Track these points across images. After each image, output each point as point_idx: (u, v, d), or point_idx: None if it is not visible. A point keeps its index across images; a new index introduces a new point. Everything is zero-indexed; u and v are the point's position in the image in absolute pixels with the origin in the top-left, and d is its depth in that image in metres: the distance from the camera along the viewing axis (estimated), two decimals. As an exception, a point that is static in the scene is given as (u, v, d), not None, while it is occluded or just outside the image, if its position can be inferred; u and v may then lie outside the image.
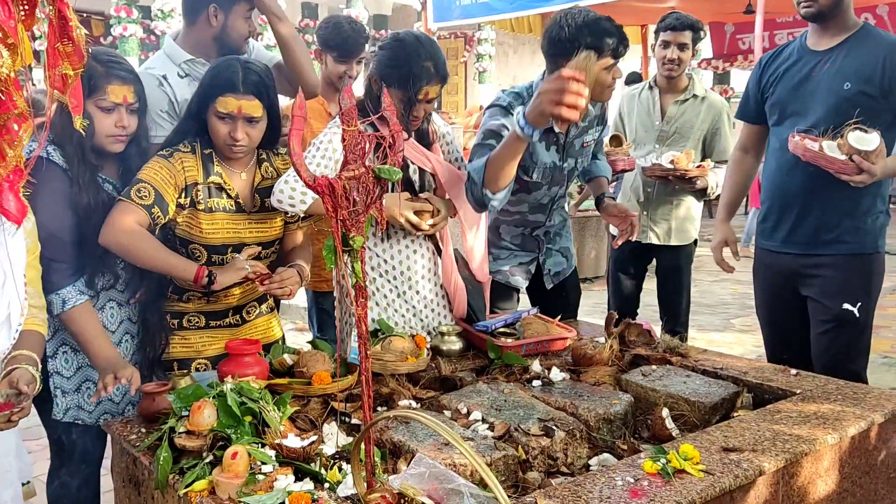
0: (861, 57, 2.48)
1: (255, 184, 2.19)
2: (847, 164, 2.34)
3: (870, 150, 2.31)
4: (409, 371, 2.09)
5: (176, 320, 2.20)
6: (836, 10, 2.52)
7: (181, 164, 2.09)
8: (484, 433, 1.74)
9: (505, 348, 2.26)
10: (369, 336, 1.49)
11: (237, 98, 2.04)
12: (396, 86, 2.23)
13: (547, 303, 2.81)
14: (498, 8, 8.92)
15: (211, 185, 2.12)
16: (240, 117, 2.06)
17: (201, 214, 2.10)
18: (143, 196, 2.01)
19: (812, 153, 2.40)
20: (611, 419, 1.85)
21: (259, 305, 2.34)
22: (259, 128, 2.11)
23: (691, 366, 2.18)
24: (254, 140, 2.12)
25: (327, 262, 1.38)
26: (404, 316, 2.45)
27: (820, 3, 2.50)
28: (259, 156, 2.22)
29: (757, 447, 1.60)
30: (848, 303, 2.53)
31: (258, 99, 2.07)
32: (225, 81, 2.07)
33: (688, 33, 3.46)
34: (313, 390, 1.91)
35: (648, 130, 3.63)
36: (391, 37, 2.33)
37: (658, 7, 9.27)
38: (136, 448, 1.69)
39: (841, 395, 1.91)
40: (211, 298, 2.20)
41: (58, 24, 1.43)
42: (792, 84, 2.60)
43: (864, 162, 2.31)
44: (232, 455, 1.47)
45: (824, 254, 2.56)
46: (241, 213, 2.16)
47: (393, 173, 1.40)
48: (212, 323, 2.23)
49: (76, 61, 1.48)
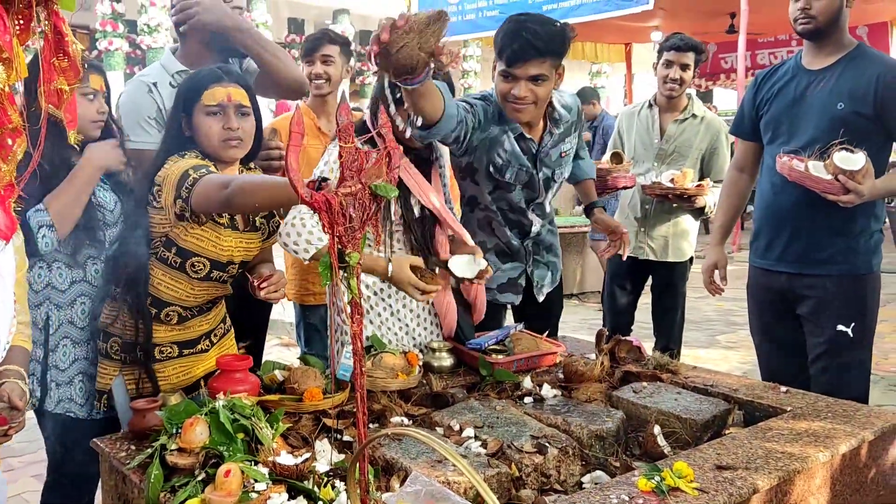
0: (855, 77, 2.49)
1: None
2: (832, 184, 2.34)
3: (855, 169, 2.31)
4: (399, 388, 2.08)
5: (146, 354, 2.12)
6: (832, 29, 2.53)
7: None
8: (477, 450, 1.74)
9: (496, 365, 2.26)
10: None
11: (224, 86, 2.03)
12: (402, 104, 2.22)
13: (529, 317, 2.79)
14: (484, 26, 9.02)
15: None
16: (230, 105, 2.03)
17: (223, 231, 2.05)
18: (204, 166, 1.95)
19: (798, 173, 2.42)
20: (603, 436, 1.86)
21: (223, 325, 2.30)
22: (250, 121, 2.08)
23: (682, 383, 2.19)
24: (248, 134, 2.08)
25: (323, 279, 1.38)
26: (397, 334, 2.44)
27: (817, 21, 2.51)
28: (240, 172, 2.17)
29: (750, 465, 1.60)
30: (842, 324, 2.52)
31: (244, 89, 2.06)
32: (207, 76, 2.05)
33: (691, 54, 3.51)
34: (305, 407, 1.90)
35: (647, 148, 3.65)
36: None
37: (642, 26, 9.40)
38: (126, 466, 1.67)
39: (831, 412, 1.92)
40: (187, 323, 2.14)
41: (53, 39, 1.43)
42: (786, 103, 2.62)
43: (849, 182, 2.31)
44: (225, 473, 1.45)
45: (817, 274, 2.57)
46: (236, 230, 2.11)
47: (389, 190, 1.40)
48: (185, 352, 2.16)
49: (72, 77, 1.47)
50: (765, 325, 2.77)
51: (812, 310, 2.59)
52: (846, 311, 2.54)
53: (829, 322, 2.55)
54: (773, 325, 2.73)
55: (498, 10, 8.75)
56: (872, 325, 2.60)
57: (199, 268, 2.08)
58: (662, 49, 3.57)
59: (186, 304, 2.13)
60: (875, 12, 8.97)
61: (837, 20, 2.52)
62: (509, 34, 2.35)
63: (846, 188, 2.32)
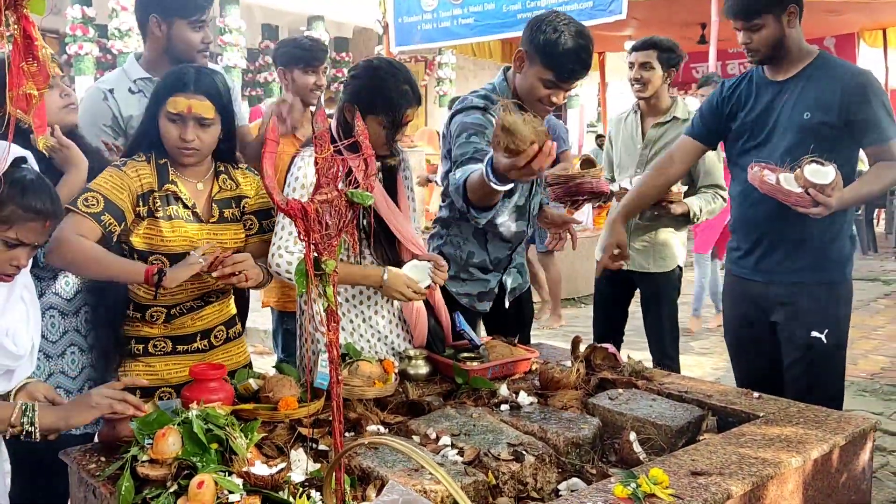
0: (819, 86, 2.52)
1: (212, 194, 2.18)
2: (802, 197, 2.37)
3: (825, 183, 2.34)
4: (376, 396, 2.07)
5: (141, 345, 2.16)
6: (781, 52, 2.57)
7: (136, 172, 2.08)
8: (453, 458, 1.73)
9: (471, 372, 2.26)
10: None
11: (187, 97, 2.03)
12: (378, 111, 2.22)
13: (502, 321, 2.79)
14: (459, 33, 9.03)
15: (168, 194, 2.10)
16: (190, 117, 2.03)
17: (162, 222, 2.08)
18: (90, 204, 1.99)
19: (769, 186, 2.44)
20: (579, 443, 1.86)
21: (227, 330, 2.31)
22: (211, 132, 2.09)
23: (657, 389, 2.20)
24: (206, 144, 2.09)
25: (298, 286, 1.37)
26: (369, 341, 2.43)
27: (762, 52, 2.57)
28: (217, 167, 2.21)
29: (724, 470, 1.61)
30: (816, 331, 2.56)
31: (209, 100, 2.05)
32: (175, 82, 2.06)
33: (652, 52, 3.42)
34: (280, 416, 1.88)
35: (631, 154, 3.56)
36: (364, 64, 2.33)
37: (615, 35, 9.47)
38: (96, 478, 1.64)
39: (803, 417, 1.94)
40: (175, 322, 2.16)
41: (23, 43, 1.41)
42: (754, 114, 2.64)
43: (819, 195, 2.34)
44: (198, 484, 1.43)
45: (791, 282, 2.60)
46: (199, 222, 2.14)
47: (366, 198, 1.40)
48: (178, 348, 2.19)
49: (41, 81, 1.45)
50: (740, 330, 2.79)
51: (786, 317, 2.62)
52: (820, 318, 2.57)
53: (803, 329, 2.58)
54: (748, 331, 2.75)
55: (473, 17, 8.77)
56: (846, 331, 2.63)
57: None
58: (628, 53, 3.54)
59: (166, 302, 2.14)
60: (842, 24, 9.11)
61: (783, 44, 2.55)
62: (571, 54, 2.37)
63: (815, 201, 2.34)
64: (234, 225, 2.21)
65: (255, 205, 2.26)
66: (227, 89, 2.13)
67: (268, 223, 2.28)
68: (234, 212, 2.22)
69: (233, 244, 2.20)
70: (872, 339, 5.86)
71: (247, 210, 2.25)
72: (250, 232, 2.26)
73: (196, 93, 2.04)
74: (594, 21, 7.61)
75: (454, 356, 2.40)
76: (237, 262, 2.02)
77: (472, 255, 2.68)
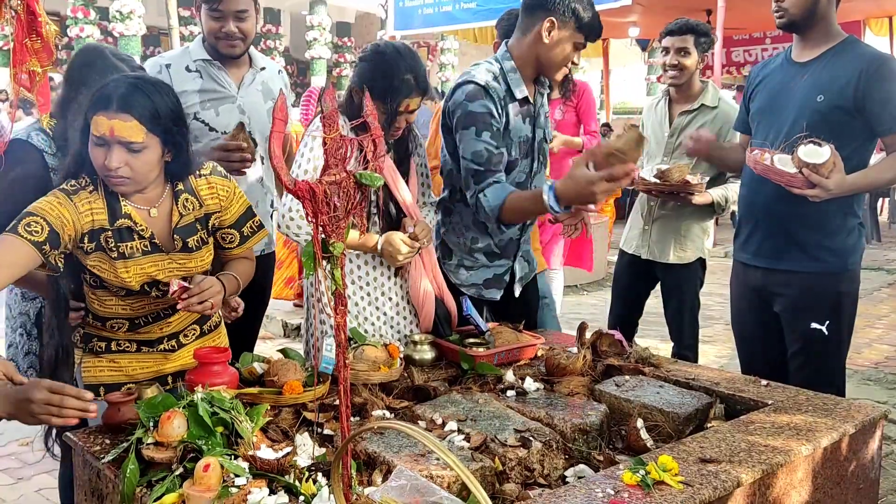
0: (837, 69, 2.45)
1: (172, 224, 1.93)
2: (796, 178, 2.30)
3: (818, 162, 2.26)
4: (381, 381, 2.06)
5: (104, 343, 2.02)
6: (811, 21, 2.48)
7: (88, 206, 1.83)
8: (460, 444, 1.72)
9: (478, 358, 2.24)
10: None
11: (108, 117, 1.74)
12: (377, 97, 2.20)
13: (509, 308, 2.74)
14: (460, 18, 8.98)
15: (121, 228, 1.87)
16: (113, 141, 1.75)
17: (117, 262, 1.87)
18: (33, 231, 1.73)
19: (763, 166, 2.38)
20: (586, 430, 1.84)
21: (200, 326, 2.13)
22: (144, 158, 1.79)
23: (663, 376, 2.18)
24: (138, 171, 1.80)
25: (306, 269, 1.35)
26: (374, 324, 2.42)
27: (790, 13, 2.48)
28: (175, 188, 1.94)
29: (733, 458, 1.60)
30: (816, 322, 2.50)
31: (138, 121, 1.75)
32: (101, 97, 1.77)
33: (689, 37, 3.28)
34: (285, 400, 1.86)
35: (659, 142, 3.44)
36: (372, 48, 2.33)
37: (620, 22, 9.41)
38: (101, 460, 1.63)
39: (812, 406, 1.92)
40: (140, 330, 2.01)
41: (26, 20, 1.39)
42: (770, 95, 2.60)
43: (812, 175, 2.26)
44: (204, 467, 1.42)
45: (791, 270, 2.55)
46: (159, 252, 1.92)
47: (374, 179, 1.38)
48: (144, 349, 2.05)
49: (44, 58, 1.44)
50: (744, 317, 2.77)
51: (786, 307, 2.58)
52: (819, 308, 2.51)
53: (803, 319, 2.53)
54: (752, 318, 2.73)
55: (475, 2, 8.72)
56: (849, 323, 2.56)
57: (117, 290, 1.93)
58: (661, 37, 3.40)
59: (128, 316, 1.99)
60: (848, 11, 9.04)
61: (814, 12, 2.46)
62: (597, 17, 2.47)
63: (811, 182, 2.27)
64: (201, 251, 1.99)
65: (230, 217, 2.03)
66: (169, 105, 1.83)
67: (249, 228, 2.08)
68: (202, 234, 1.99)
69: (198, 269, 1.99)
70: (876, 328, 5.85)
71: (222, 225, 2.03)
72: (232, 245, 2.07)
73: (120, 111, 1.74)
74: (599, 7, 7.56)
75: (460, 342, 2.38)
76: (204, 292, 1.86)
77: (476, 241, 2.61)
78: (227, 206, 2.02)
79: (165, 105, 1.81)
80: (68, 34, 11.98)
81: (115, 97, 1.75)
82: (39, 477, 3.37)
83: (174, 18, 9.76)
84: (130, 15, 11.92)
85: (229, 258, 2.11)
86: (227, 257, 2.10)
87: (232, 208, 2.03)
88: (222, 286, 1.94)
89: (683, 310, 3.47)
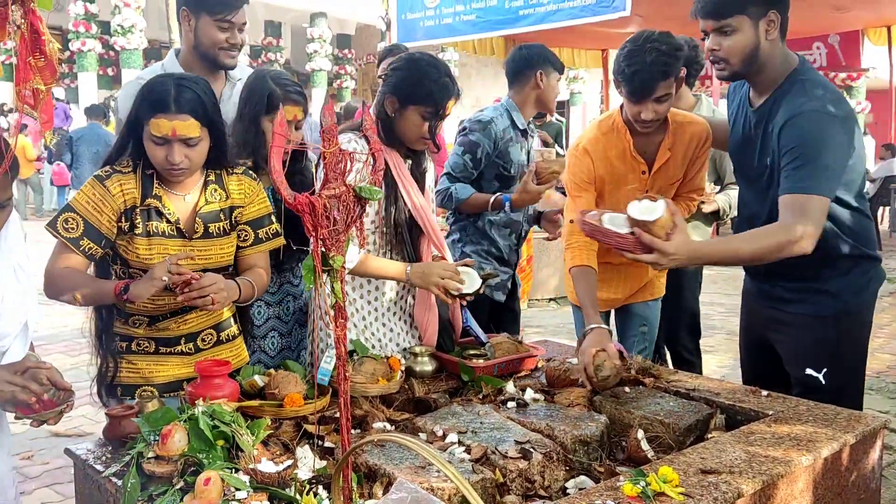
0: (771, 123, 2.17)
1: (197, 208, 2.07)
2: (625, 239, 2.01)
3: (649, 220, 1.97)
4: (379, 393, 2.06)
5: (125, 343, 2.11)
6: (753, 68, 2.19)
7: (119, 188, 1.99)
8: (461, 456, 1.72)
9: (478, 370, 2.25)
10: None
11: (170, 119, 1.92)
12: (421, 102, 2.24)
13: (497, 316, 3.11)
14: (461, 30, 9.02)
15: (150, 208, 2.02)
16: (175, 140, 1.93)
17: (137, 239, 2.01)
18: (70, 227, 1.95)
19: (590, 227, 2.08)
20: (587, 441, 1.85)
21: (218, 333, 2.19)
22: (199, 149, 1.99)
23: (664, 387, 2.18)
24: (195, 162, 2.00)
25: (306, 282, 1.36)
26: (381, 340, 2.43)
27: (731, 65, 2.20)
28: (206, 177, 2.10)
29: (734, 469, 1.60)
30: (811, 368, 2.24)
31: (194, 118, 1.94)
32: (157, 101, 1.94)
33: None
34: (285, 413, 1.87)
35: None
36: (406, 57, 2.37)
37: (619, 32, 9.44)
38: (102, 474, 1.63)
39: (812, 416, 1.93)
40: (160, 325, 2.09)
41: (30, 38, 1.40)
42: (735, 142, 2.37)
43: (645, 235, 1.97)
44: (204, 481, 1.43)
45: (786, 311, 2.30)
46: (182, 237, 2.05)
47: (374, 193, 1.39)
48: (162, 349, 2.12)
49: (48, 76, 1.45)
50: (748, 347, 2.59)
51: (782, 349, 2.36)
52: (815, 355, 2.25)
53: (797, 365, 2.29)
54: (755, 350, 2.54)
55: (475, 14, 8.75)
56: (852, 368, 2.29)
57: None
58: None
59: (148, 312, 2.08)
60: (847, 21, 9.08)
61: (755, 59, 2.17)
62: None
63: (640, 244, 1.99)
64: (222, 240, 2.10)
65: (249, 214, 2.15)
66: (210, 97, 2.01)
67: (265, 232, 2.17)
68: (223, 224, 2.10)
69: (219, 259, 2.10)
70: (878, 337, 5.84)
71: (240, 220, 2.14)
72: (245, 244, 2.16)
73: (179, 112, 1.92)
74: (597, 17, 7.60)
75: (460, 353, 2.39)
76: (203, 287, 1.91)
77: (490, 246, 3.18)
78: (250, 201, 2.15)
79: (210, 99, 2.00)
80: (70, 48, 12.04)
81: (171, 100, 1.92)
82: (41, 490, 3.37)
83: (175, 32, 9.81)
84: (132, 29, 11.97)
85: (243, 258, 2.17)
86: (241, 257, 2.17)
87: (253, 205, 2.16)
88: (237, 287, 2.02)
89: (684, 312, 3.51)
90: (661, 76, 2.33)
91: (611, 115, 2.61)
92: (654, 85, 2.34)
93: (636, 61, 2.33)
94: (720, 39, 2.18)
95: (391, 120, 2.28)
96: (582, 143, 2.60)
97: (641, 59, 2.32)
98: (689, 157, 2.59)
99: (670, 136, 2.54)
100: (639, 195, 2.11)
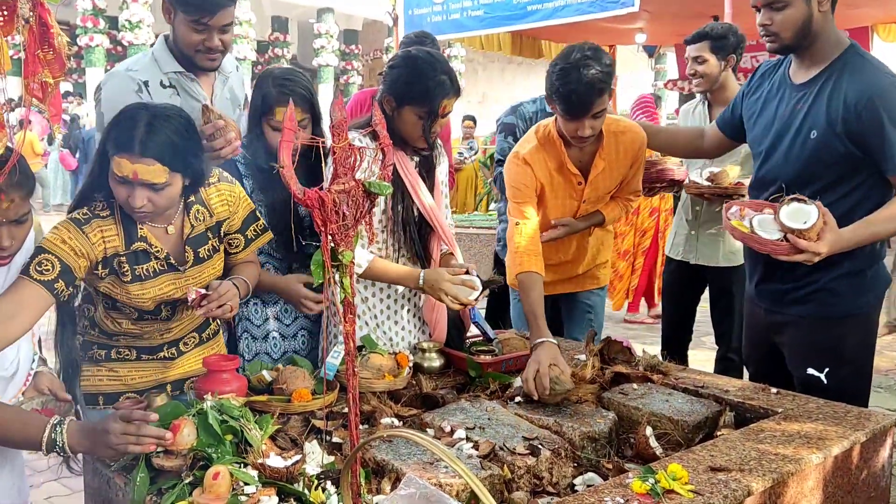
0: (834, 97, 2.12)
1: (184, 236, 1.95)
2: (779, 246, 2.02)
3: (804, 228, 1.98)
4: (385, 389, 2.05)
5: (104, 351, 2.04)
6: (805, 41, 2.17)
7: (99, 235, 1.84)
8: (468, 452, 1.72)
9: (485, 366, 2.24)
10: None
11: (132, 161, 1.73)
12: (416, 102, 2.20)
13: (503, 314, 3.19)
14: (468, 25, 9.00)
15: (137, 252, 1.89)
16: (137, 183, 1.76)
17: (132, 285, 1.89)
18: (43, 271, 1.73)
19: (740, 234, 2.11)
20: (595, 438, 1.84)
21: (199, 334, 2.15)
22: (166, 193, 1.80)
23: (672, 384, 2.18)
24: (161, 206, 1.82)
25: (315, 278, 1.36)
26: (392, 339, 2.42)
27: (782, 38, 2.18)
28: (186, 199, 1.95)
29: (743, 467, 1.59)
30: (813, 368, 2.23)
31: (161, 163, 1.75)
32: (121, 138, 1.75)
33: (704, 44, 3.28)
34: (293, 408, 1.87)
35: None
36: (402, 54, 2.32)
37: (626, 28, 9.42)
38: (111, 468, 1.64)
39: (822, 414, 1.92)
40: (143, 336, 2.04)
41: (38, 31, 1.39)
42: (767, 123, 2.30)
43: (799, 241, 1.98)
44: (214, 475, 1.43)
45: (789, 313, 2.28)
46: (174, 271, 1.95)
47: (383, 188, 1.38)
48: (143, 356, 2.06)
49: (56, 69, 1.44)
50: (751, 350, 2.57)
51: (785, 350, 2.35)
52: (817, 355, 2.23)
53: (800, 365, 2.28)
54: (756, 354, 2.53)
55: (483, 9, 8.73)
56: (859, 370, 2.26)
57: (130, 312, 1.97)
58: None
59: (136, 333, 2.03)
60: (855, 17, 9.01)
61: (809, 31, 2.14)
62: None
63: (796, 248, 2.00)
64: (213, 259, 2.02)
65: (236, 222, 2.06)
66: (186, 138, 1.81)
67: (253, 231, 2.10)
68: (213, 243, 2.02)
69: (212, 277, 2.03)
70: (886, 336, 5.81)
71: (230, 231, 2.06)
72: (237, 250, 2.09)
73: (143, 156, 1.73)
74: (606, 13, 7.57)
75: (468, 349, 2.39)
76: (222, 296, 1.87)
77: None
78: (235, 210, 2.05)
79: (184, 140, 1.80)
80: (78, 43, 12.07)
81: (136, 140, 1.73)
82: (49, 484, 3.38)
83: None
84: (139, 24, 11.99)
85: (234, 263, 2.12)
86: (231, 262, 2.12)
87: (238, 213, 2.06)
88: (237, 289, 1.96)
89: (734, 312, 3.40)
90: (597, 94, 2.36)
91: (546, 126, 2.64)
92: (590, 102, 2.37)
93: (571, 79, 2.34)
94: (772, 14, 2.17)
95: (391, 119, 2.23)
96: (522, 153, 2.62)
97: (577, 77, 2.34)
98: (625, 165, 2.66)
99: (604, 147, 2.59)
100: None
